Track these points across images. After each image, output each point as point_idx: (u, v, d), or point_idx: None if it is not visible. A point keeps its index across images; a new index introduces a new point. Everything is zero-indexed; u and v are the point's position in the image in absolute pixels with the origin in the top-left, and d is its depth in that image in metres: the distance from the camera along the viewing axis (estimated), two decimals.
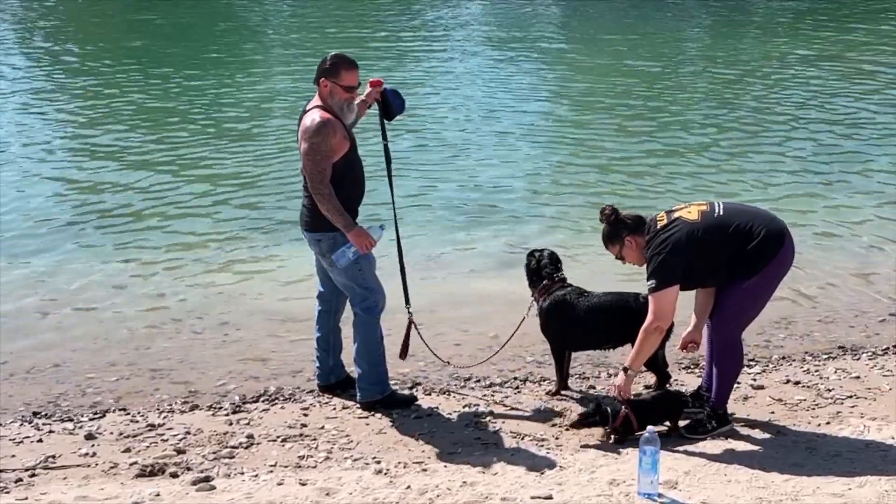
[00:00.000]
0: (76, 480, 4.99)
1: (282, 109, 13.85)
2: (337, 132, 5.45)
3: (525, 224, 9.47)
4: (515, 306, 7.51)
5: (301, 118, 5.57)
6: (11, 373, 6.46)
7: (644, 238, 5.30)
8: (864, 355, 6.77)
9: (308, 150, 5.41)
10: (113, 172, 10.91)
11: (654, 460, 4.67)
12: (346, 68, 5.51)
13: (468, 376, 6.40)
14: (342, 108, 5.53)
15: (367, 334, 5.76)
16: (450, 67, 17.48)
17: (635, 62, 17.91)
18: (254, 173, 10.86)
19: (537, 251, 6.21)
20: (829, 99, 14.71)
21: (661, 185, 10.63)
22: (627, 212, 5.47)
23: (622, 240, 5.38)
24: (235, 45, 19.33)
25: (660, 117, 13.80)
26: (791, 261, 5.35)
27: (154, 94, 14.76)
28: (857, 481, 4.88)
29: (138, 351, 6.82)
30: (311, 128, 5.40)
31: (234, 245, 8.82)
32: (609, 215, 5.40)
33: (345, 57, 5.57)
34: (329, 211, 5.45)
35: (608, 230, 5.44)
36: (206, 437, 5.49)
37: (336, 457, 5.26)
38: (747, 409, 5.83)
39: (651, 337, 5.26)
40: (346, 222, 5.48)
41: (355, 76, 5.54)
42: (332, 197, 5.43)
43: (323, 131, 5.40)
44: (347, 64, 5.53)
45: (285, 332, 7.07)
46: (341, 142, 5.47)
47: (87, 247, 8.77)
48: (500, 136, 12.82)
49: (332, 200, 5.44)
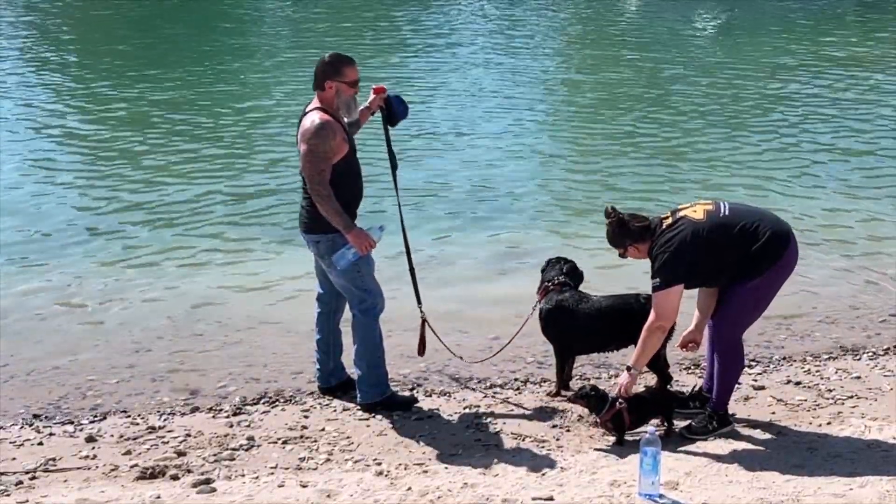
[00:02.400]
0: (77, 483, 4.99)
1: (282, 111, 13.84)
2: (336, 134, 5.46)
3: (527, 224, 9.44)
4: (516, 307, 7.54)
5: (300, 120, 5.57)
6: (12, 375, 6.45)
7: (647, 242, 5.30)
8: (865, 355, 6.77)
9: (307, 151, 5.42)
10: (111, 176, 10.90)
11: (655, 461, 4.67)
12: (347, 65, 5.57)
13: (469, 377, 6.39)
14: (349, 105, 5.57)
15: (365, 336, 5.76)
16: (450, 67, 17.47)
17: (637, 61, 17.93)
18: (253, 176, 10.85)
19: (558, 259, 6.20)
20: (833, 99, 14.71)
21: (664, 184, 10.66)
22: (633, 216, 5.42)
23: (625, 245, 5.40)
24: (233, 47, 19.33)
25: (663, 116, 13.81)
26: (794, 263, 5.35)
27: (154, 97, 14.73)
28: (859, 482, 4.87)
29: (139, 353, 6.81)
30: (310, 129, 5.41)
31: (234, 247, 8.82)
32: (613, 221, 5.38)
33: (342, 55, 5.65)
34: (328, 212, 5.45)
35: (612, 234, 5.43)
36: (206, 440, 5.49)
37: (337, 458, 5.26)
38: (748, 409, 5.83)
39: (654, 335, 5.26)
40: (346, 223, 5.48)
41: (356, 71, 5.62)
42: (332, 198, 5.44)
43: (322, 133, 5.40)
44: (347, 60, 5.60)
45: (285, 333, 7.06)
46: (341, 144, 5.48)
47: (87, 249, 8.76)
48: (500, 135, 12.83)
49: (332, 202, 5.44)
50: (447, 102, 14.63)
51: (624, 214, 5.40)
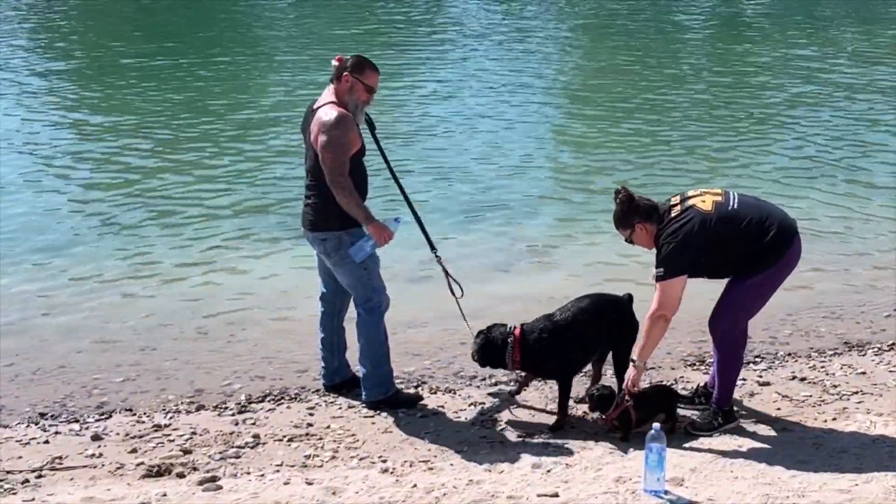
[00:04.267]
0: (83, 481, 5.00)
1: (285, 110, 13.84)
2: (353, 127, 5.47)
3: (528, 224, 9.44)
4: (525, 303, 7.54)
5: (309, 115, 5.56)
6: (17, 374, 6.46)
7: (655, 224, 5.29)
8: (870, 351, 6.76)
9: (328, 142, 5.38)
10: (116, 175, 10.91)
11: (660, 457, 4.67)
12: (370, 69, 5.57)
13: (474, 374, 6.40)
14: (357, 107, 5.55)
15: (370, 334, 5.76)
16: (452, 66, 17.47)
17: (641, 58, 17.91)
18: (256, 174, 10.85)
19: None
20: (839, 96, 14.67)
21: (668, 181, 10.62)
22: (641, 196, 5.39)
23: (633, 225, 5.35)
24: (233, 48, 19.30)
25: (666, 113, 13.80)
26: (796, 261, 5.34)
27: (153, 97, 14.73)
28: (864, 477, 4.87)
29: (144, 352, 6.82)
30: (330, 121, 5.39)
31: (238, 245, 8.82)
32: (623, 198, 5.34)
33: (370, 60, 5.64)
34: (349, 204, 5.44)
35: (620, 213, 5.38)
36: (212, 437, 5.50)
37: (342, 456, 5.27)
38: (753, 405, 5.83)
39: (656, 325, 5.24)
40: (366, 215, 5.49)
41: (377, 80, 5.61)
42: (353, 190, 5.43)
43: (342, 125, 5.39)
44: (372, 65, 5.60)
45: (290, 331, 7.06)
46: (356, 138, 5.49)
47: (91, 248, 8.76)
48: (500, 135, 12.79)
49: (353, 193, 5.43)
50: (448, 101, 14.63)
51: (633, 192, 5.37)
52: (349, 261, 5.59)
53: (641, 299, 5.68)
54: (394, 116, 13.06)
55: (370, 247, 5.55)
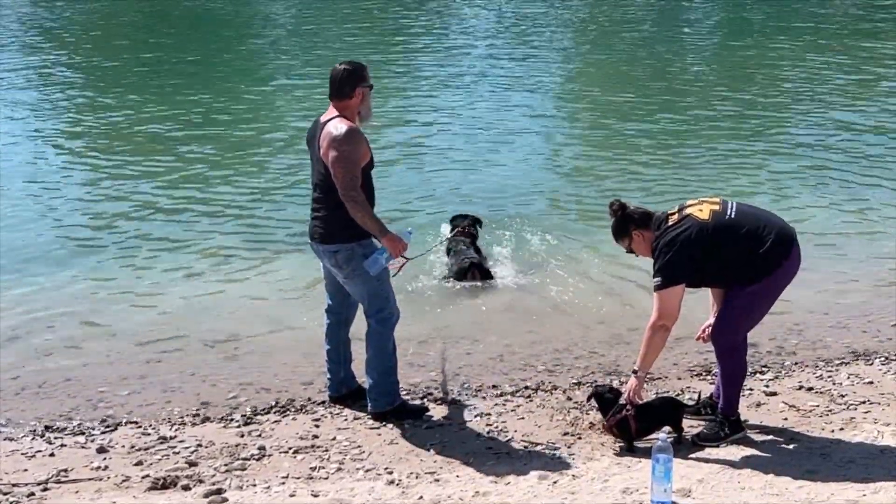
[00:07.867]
0: (88, 494, 4.99)
1: (289, 121, 13.86)
2: (363, 140, 5.50)
3: (536, 229, 9.41)
4: (527, 314, 7.54)
5: (316, 130, 5.56)
6: (23, 387, 6.46)
7: (652, 232, 5.30)
8: (877, 360, 6.74)
9: (339, 157, 5.39)
10: (120, 187, 10.90)
11: (667, 468, 4.65)
12: (365, 69, 5.67)
13: (479, 385, 6.38)
14: (370, 109, 5.65)
15: (380, 345, 5.75)
16: (453, 66, 17.49)
17: (646, 60, 17.93)
18: (261, 187, 10.85)
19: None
20: (844, 104, 14.64)
21: (672, 186, 10.64)
22: (635, 206, 5.47)
23: (630, 234, 5.38)
24: (235, 58, 19.34)
25: (671, 117, 13.80)
26: (796, 271, 5.33)
27: (156, 108, 14.74)
28: (872, 487, 4.85)
29: (149, 364, 6.82)
30: (340, 136, 5.41)
31: (243, 258, 8.80)
32: (616, 209, 5.41)
33: (357, 61, 5.75)
34: (363, 217, 5.44)
35: (616, 224, 5.44)
36: (217, 450, 5.49)
37: (348, 468, 5.25)
38: (760, 415, 5.81)
39: (657, 334, 5.23)
40: (381, 228, 5.49)
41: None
42: (365, 203, 5.44)
43: (353, 139, 5.42)
44: (363, 65, 5.70)
45: (295, 343, 7.05)
46: (366, 151, 5.51)
47: (95, 261, 8.77)
48: (501, 135, 12.83)
49: (365, 206, 5.45)
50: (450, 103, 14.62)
51: (625, 202, 5.43)
52: (361, 272, 5.59)
53: (643, 309, 5.67)
54: (393, 123, 13.11)
55: (385, 259, 5.54)
